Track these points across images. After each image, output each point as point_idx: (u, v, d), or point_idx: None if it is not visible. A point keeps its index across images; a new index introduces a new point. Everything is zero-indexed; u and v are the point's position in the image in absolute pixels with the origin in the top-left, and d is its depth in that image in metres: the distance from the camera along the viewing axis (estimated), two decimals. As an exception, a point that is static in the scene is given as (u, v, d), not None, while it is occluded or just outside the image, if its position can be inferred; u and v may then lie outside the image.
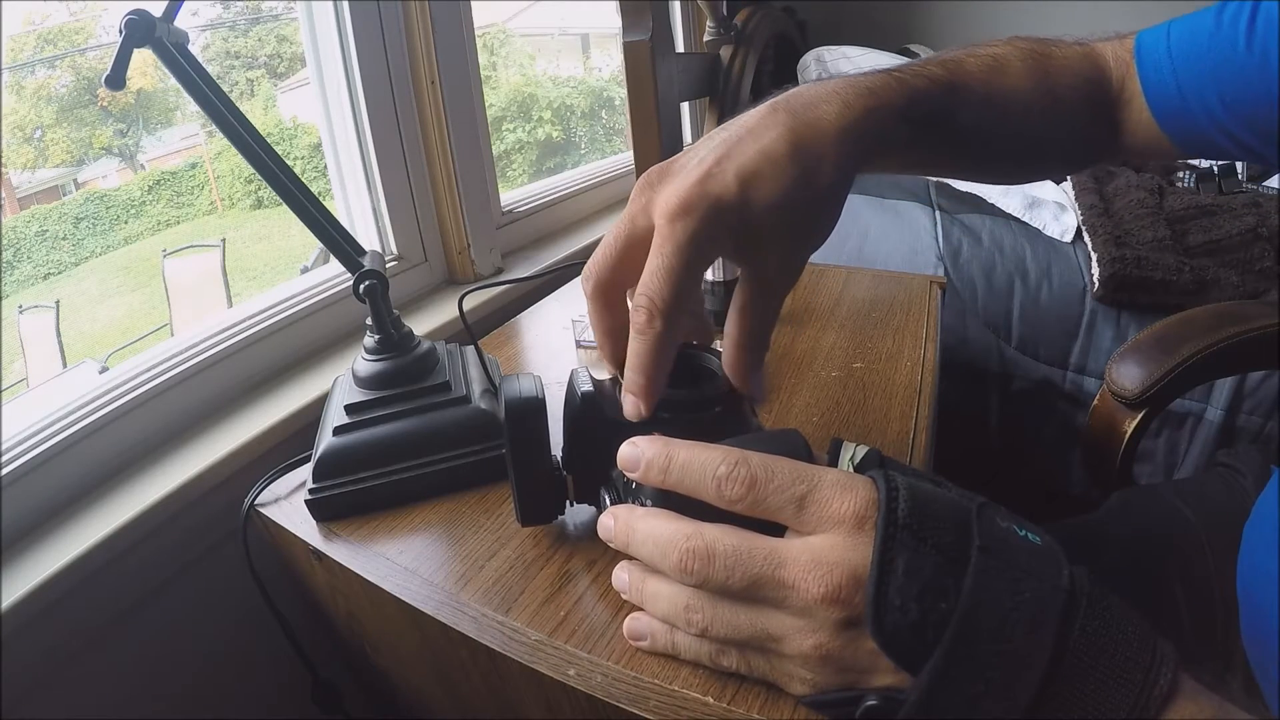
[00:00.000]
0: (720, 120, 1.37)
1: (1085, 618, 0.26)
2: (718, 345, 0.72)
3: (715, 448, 0.33)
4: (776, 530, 0.32)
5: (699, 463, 0.32)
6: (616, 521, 0.36)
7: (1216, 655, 0.54)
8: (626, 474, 0.35)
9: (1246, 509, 0.57)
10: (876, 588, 0.27)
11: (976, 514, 0.28)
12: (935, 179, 1.38)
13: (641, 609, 0.37)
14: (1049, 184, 1.36)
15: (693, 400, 0.46)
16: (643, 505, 0.40)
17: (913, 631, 0.26)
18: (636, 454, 0.35)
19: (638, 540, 0.34)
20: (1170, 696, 0.26)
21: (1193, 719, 0.25)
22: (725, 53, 1.40)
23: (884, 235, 1.25)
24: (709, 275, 0.79)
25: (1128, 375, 0.73)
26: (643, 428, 0.45)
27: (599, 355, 0.41)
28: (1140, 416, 0.73)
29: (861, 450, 0.34)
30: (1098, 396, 0.78)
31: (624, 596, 0.38)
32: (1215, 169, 1.41)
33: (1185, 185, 1.37)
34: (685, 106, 1.61)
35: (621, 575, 0.38)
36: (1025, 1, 2.07)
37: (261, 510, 0.56)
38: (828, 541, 0.29)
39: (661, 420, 0.46)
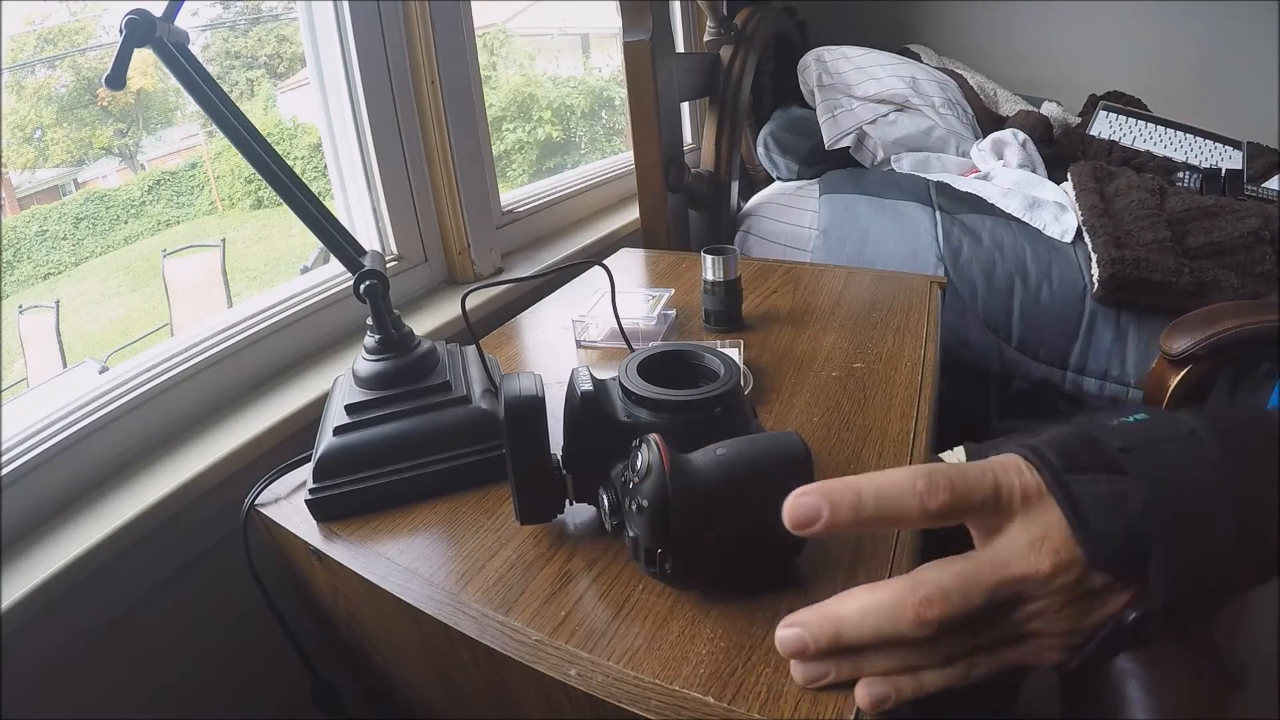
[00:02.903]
0: (720, 120, 1.37)
1: (1223, 439, 0.30)
2: (718, 345, 0.72)
3: (892, 472, 0.32)
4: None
5: (892, 487, 0.31)
6: (808, 627, 0.34)
7: None
8: (802, 530, 0.32)
9: None
10: (1080, 529, 0.30)
11: (1095, 432, 0.32)
12: (935, 179, 1.38)
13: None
14: (1049, 184, 1.36)
15: (693, 400, 0.46)
16: (640, 505, 0.40)
17: (1126, 540, 0.29)
18: (817, 503, 0.32)
19: (852, 625, 0.33)
20: None
21: None
22: (725, 53, 1.40)
23: (884, 235, 1.25)
24: (709, 275, 0.79)
25: (1176, 340, 0.89)
26: (643, 428, 0.45)
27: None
28: (1183, 373, 0.90)
29: (960, 451, 0.34)
30: (1154, 362, 0.95)
31: (825, 681, 0.36)
32: (1223, 171, 1.41)
33: (1186, 186, 1.37)
34: (685, 106, 1.61)
35: (813, 669, 0.35)
36: (1026, 1, 2.07)
37: (262, 510, 0.56)
38: (1021, 525, 0.31)
39: (662, 420, 0.46)
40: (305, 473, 0.55)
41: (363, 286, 0.57)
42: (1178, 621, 0.30)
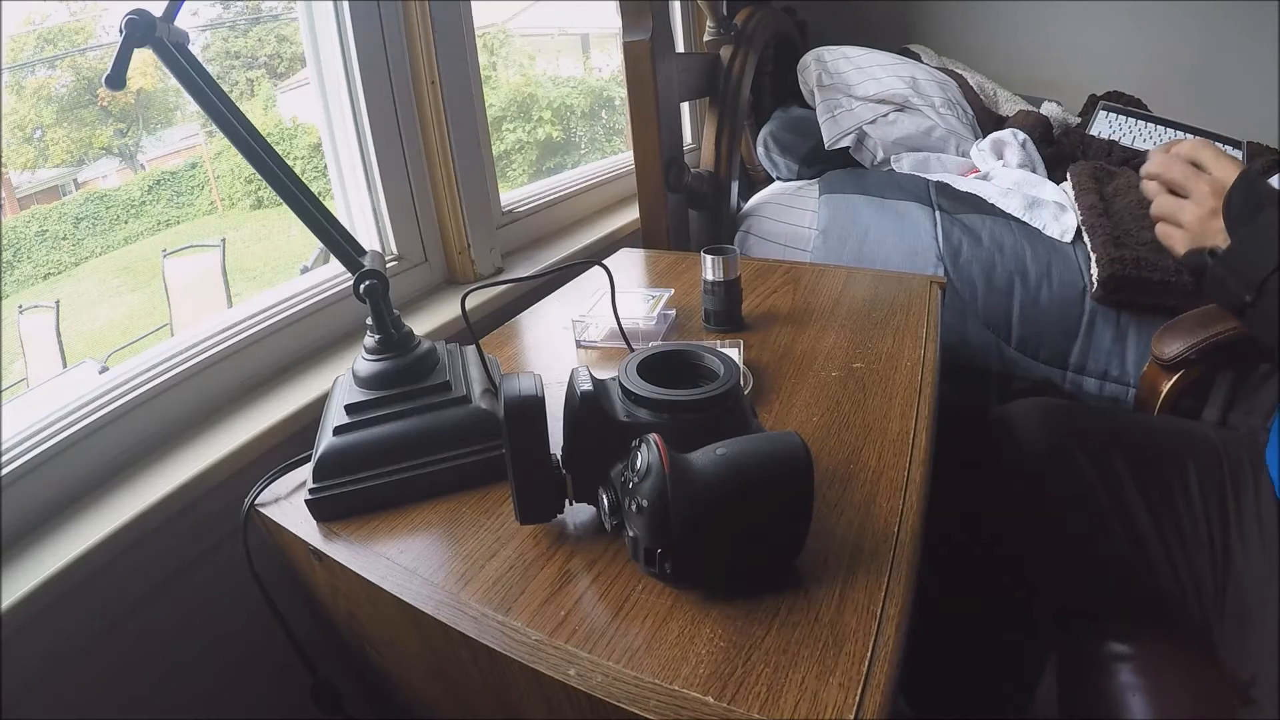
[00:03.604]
0: (720, 120, 1.37)
1: None
2: (718, 345, 0.72)
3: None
4: None
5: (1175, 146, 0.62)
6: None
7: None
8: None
9: (1258, 445, 0.71)
10: (1229, 197, 0.56)
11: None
12: (935, 179, 1.38)
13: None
14: (1049, 184, 1.35)
15: (693, 400, 0.46)
16: (640, 505, 0.40)
17: (1235, 220, 0.55)
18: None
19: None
20: None
21: None
22: (725, 53, 1.40)
23: (884, 235, 1.25)
24: (709, 275, 0.79)
25: (1168, 344, 0.88)
26: (642, 427, 0.45)
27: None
28: (1176, 378, 0.89)
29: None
30: (1146, 365, 0.94)
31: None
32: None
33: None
34: (685, 106, 1.61)
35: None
36: (1025, 1, 2.07)
37: (262, 510, 0.56)
38: (1222, 176, 0.58)
39: (662, 420, 0.46)
40: (305, 473, 0.55)
41: (363, 286, 0.57)
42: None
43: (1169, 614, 0.66)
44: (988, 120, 1.70)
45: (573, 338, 0.82)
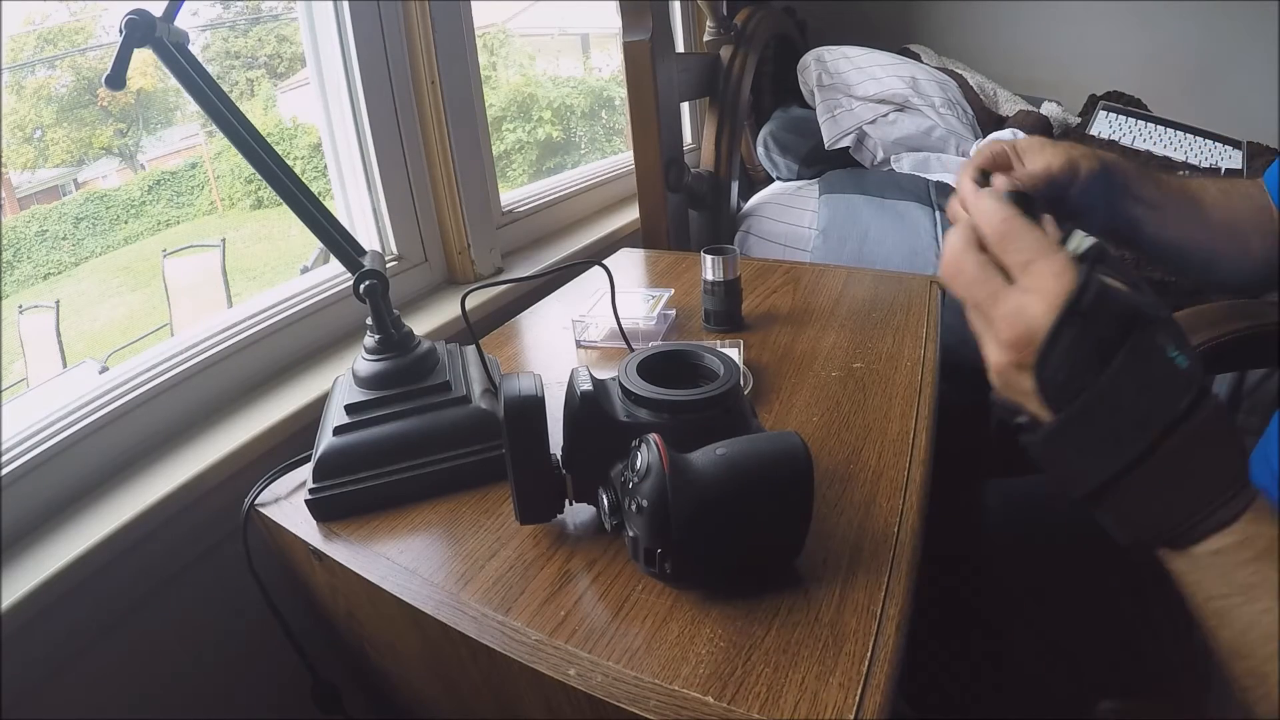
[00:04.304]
0: (720, 120, 1.37)
1: (1184, 437, 0.33)
2: (718, 345, 0.72)
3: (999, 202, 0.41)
4: None
5: (977, 206, 0.43)
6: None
7: None
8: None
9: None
10: (1043, 353, 0.35)
11: (1144, 326, 0.34)
12: (935, 179, 1.38)
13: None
14: (1049, 184, 1.35)
15: (693, 400, 0.46)
16: (640, 505, 0.40)
17: (1058, 389, 0.35)
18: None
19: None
20: (1237, 516, 0.32)
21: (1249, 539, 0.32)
22: (725, 53, 1.40)
23: (884, 235, 1.25)
24: (709, 275, 0.79)
25: None
26: (643, 428, 0.45)
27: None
28: None
29: (1088, 242, 0.38)
30: None
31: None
32: (1222, 170, 1.40)
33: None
34: (685, 106, 1.61)
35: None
36: (1025, 1, 2.07)
37: (262, 510, 0.56)
38: (1029, 302, 0.36)
39: (662, 420, 0.46)
40: (305, 473, 0.55)
41: (363, 286, 0.57)
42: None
43: (1159, 678, 0.64)
44: (988, 120, 1.70)
45: (573, 338, 0.82)
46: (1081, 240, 0.37)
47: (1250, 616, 0.31)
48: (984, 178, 0.50)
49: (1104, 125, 1.66)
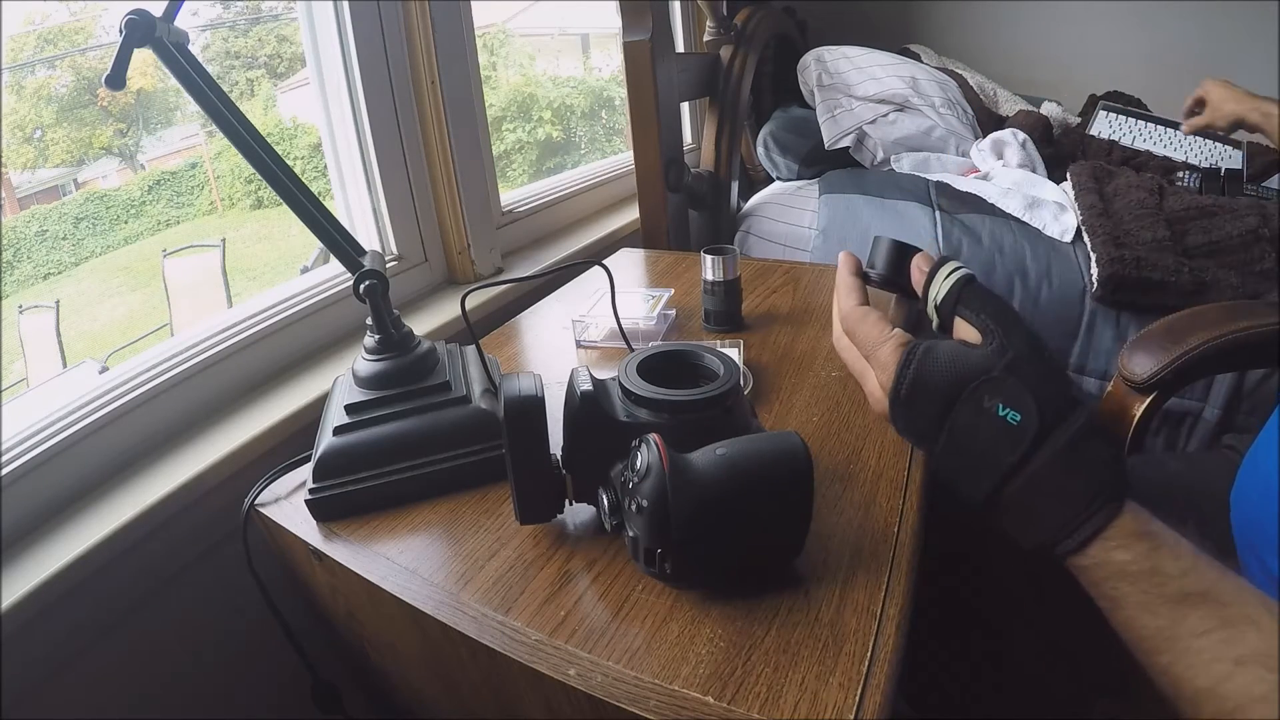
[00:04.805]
0: (720, 120, 1.37)
1: (1022, 483, 0.36)
2: (718, 345, 0.72)
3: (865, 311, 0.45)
4: None
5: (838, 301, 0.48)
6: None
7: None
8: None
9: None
10: (892, 422, 0.41)
11: (968, 395, 0.38)
12: (935, 179, 1.38)
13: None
14: (1049, 184, 1.35)
15: (693, 400, 0.46)
16: (640, 505, 0.40)
17: (918, 441, 0.42)
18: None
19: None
20: (1085, 544, 0.35)
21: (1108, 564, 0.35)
22: (725, 53, 1.40)
23: (884, 235, 1.24)
24: (709, 275, 0.79)
25: (1138, 362, 0.77)
26: (643, 428, 0.45)
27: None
28: (1149, 401, 0.77)
29: (954, 278, 0.41)
30: (1111, 383, 0.82)
31: None
32: (1223, 170, 1.40)
33: (1186, 185, 1.37)
34: (685, 106, 1.61)
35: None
36: (1026, 1, 2.07)
37: (262, 510, 0.56)
38: (873, 386, 0.43)
39: (662, 420, 0.46)
40: (305, 473, 0.55)
41: (363, 286, 0.57)
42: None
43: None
44: (988, 120, 1.70)
45: (573, 338, 0.82)
46: (951, 273, 0.42)
47: (1119, 622, 0.35)
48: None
49: (1104, 125, 1.66)
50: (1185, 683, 0.32)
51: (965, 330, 0.41)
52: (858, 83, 1.57)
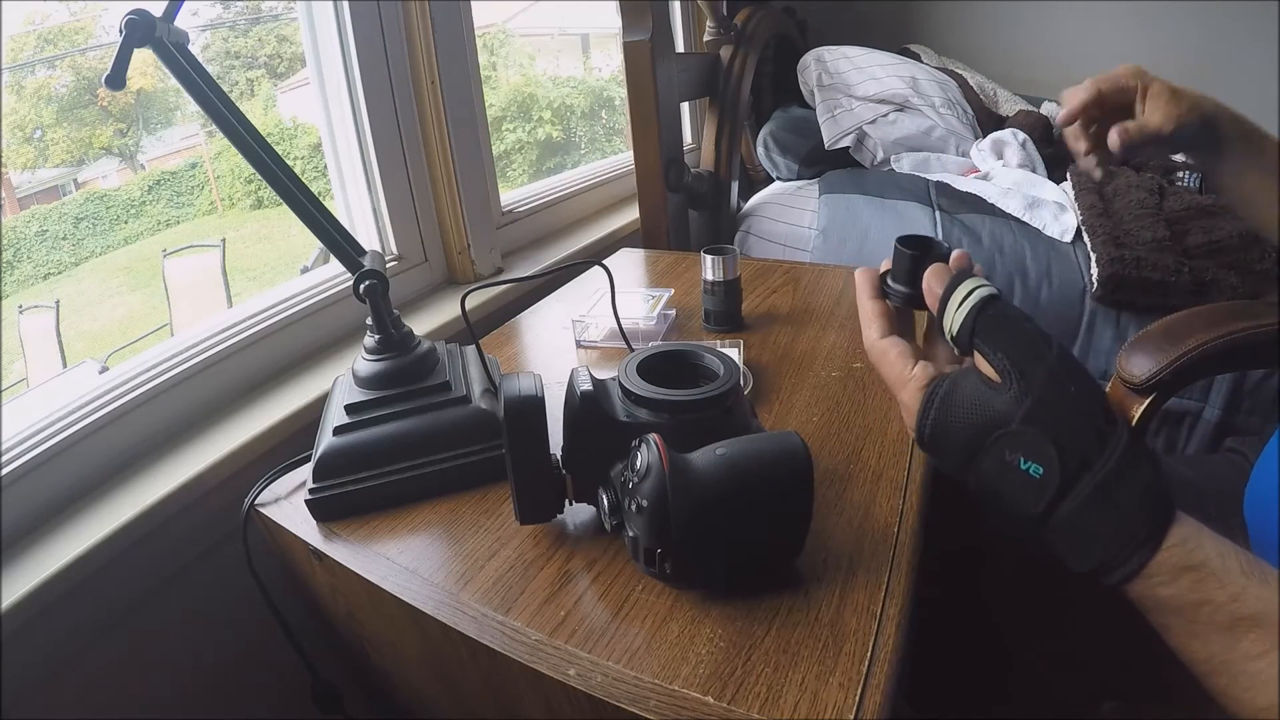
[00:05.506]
0: (720, 120, 1.37)
1: (1054, 526, 0.36)
2: (718, 345, 0.72)
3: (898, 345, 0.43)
4: None
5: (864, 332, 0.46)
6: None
7: None
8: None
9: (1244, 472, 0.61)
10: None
11: (990, 445, 0.37)
12: (935, 179, 1.38)
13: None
14: (1049, 184, 1.36)
15: (693, 400, 0.46)
16: (640, 505, 0.40)
17: (960, 467, 0.40)
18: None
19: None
20: (1129, 579, 0.34)
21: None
22: (725, 53, 1.40)
23: (884, 235, 1.25)
24: (709, 275, 0.79)
25: (1136, 363, 0.76)
26: (643, 428, 0.45)
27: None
28: (1148, 402, 0.76)
29: (968, 306, 0.38)
30: (1109, 384, 0.81)
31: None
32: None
33: (1186, 185, 1.37)
34: (685, 106, 1.61)
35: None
36: (1025, 1, 2.07)
37: (262, 510, 0.56)
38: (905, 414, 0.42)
39: (662, 420, 0.46)
40: (305, 473, 0.55)
41: (363, 286, 0.57)
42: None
43: (1164, 679, 0.64)
44: (988, 120, 1.70)
45: (573, 338, 0.82)
46: (972, 292, 0.39)
47: (1172, 646, 0.35)
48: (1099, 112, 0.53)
49: (1104, 125, 1.66)
50: (1245, 704, 0.32)
51: (986, 364, 0.39)
52: (858, 83, 1.57)
